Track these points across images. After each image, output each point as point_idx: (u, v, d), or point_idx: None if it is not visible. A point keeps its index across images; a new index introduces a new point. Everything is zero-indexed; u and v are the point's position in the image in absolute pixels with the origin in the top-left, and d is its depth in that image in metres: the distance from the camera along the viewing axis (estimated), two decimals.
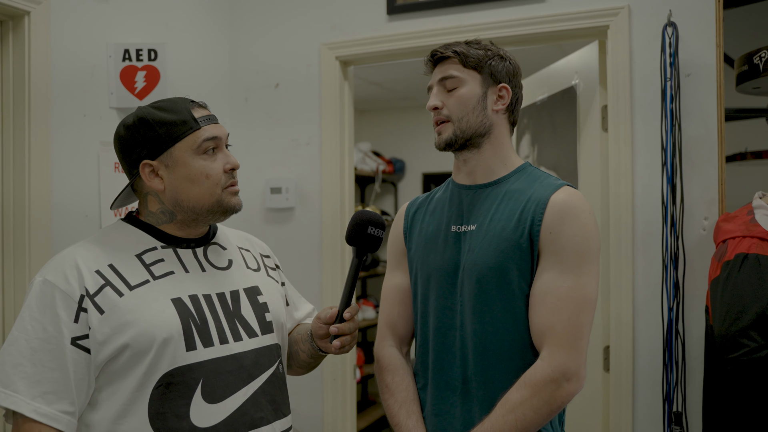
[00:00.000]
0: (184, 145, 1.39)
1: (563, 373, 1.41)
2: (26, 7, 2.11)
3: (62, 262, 1.34)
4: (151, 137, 1.39)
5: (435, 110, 1.58)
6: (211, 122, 1.43)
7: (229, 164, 1.44)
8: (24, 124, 2.11)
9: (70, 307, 1.29)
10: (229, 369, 1.38)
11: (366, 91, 5.28)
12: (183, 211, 1.43)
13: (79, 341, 1.29)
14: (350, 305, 1.47)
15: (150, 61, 2.45)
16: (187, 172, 1.40)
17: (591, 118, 2.63)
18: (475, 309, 1.50)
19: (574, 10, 2.52)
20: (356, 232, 1.49)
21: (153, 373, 1.31)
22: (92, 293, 1.31)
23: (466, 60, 1.56)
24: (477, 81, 1.56)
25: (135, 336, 1.30)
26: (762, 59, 2.30)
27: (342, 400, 2.87)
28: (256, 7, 3.04)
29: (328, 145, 2.90)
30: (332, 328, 1.45)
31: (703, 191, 2.33)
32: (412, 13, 2.75)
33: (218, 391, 1.36)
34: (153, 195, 1.43)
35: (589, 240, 1.47)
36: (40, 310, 1.28)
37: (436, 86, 1.59)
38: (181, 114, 1.41)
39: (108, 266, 1.35)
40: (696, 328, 2.32)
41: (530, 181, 1.55)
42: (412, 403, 1.58)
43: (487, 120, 1.56)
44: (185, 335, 1.34)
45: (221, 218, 1.46)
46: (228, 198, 1.44)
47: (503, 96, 1.58)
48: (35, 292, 1.31)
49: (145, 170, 1.40)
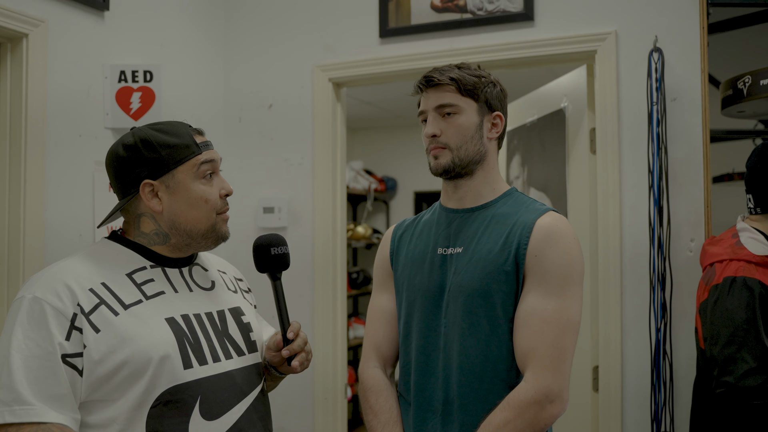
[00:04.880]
0: (186, 168, 1.42)
1: (546, 394, 1.42)
2: (24, 30, 2.14)
3: (52, 279, 1.32)
4: (154, 158, 1.41)
5: (433, 137, 1.58)
6: (209, 148, 1.48)
7: (224, 190, 1.47)
8: (20, 144, 2.13)
9: (62, 325, 1.28)
10: (224, 386, 1.40)
11: (358, 110, 5.32)
12: (178, 234, 1.45)
13: (69, 359, 1.27)
14: (290, 325, 1.49)
15: (145, 82, 2.47)
16: (188, 195, 1.42)
17: (579, 140, 2.67)
18: (460, 331, 1.52)
19: (563, 35, 2.57)
20: (261, 258, 1.51)
21: (151, 391, 1.31)
22: (87, 311, 1.30)
23: (463, 87, 1.56)
24: (474, 109, 1.58)
25: (133, 354, 1.30)
26: (746, 84, 2.34)
27: (333, 419, 2.88)
28: (251, 29, 3.08)
29: (321, 165, 2.93)
30: (284, 351, 1.47)
31: (690, 213, 2.37)
32: (404, 37, 2.80)
33: (215, 407, 1.37)
34: (148, 216, 1.44)
35: (573, 264, 1.49)
36: (32, 328, 1.27)
37: (432, 113, 1.59)
38: (184, 138, 1.44)
39: (101, 284, 1.35)
40: (683, 348, 2.35)
41: (517, 205, 1.58)
42: (395, 425, 1.60)
43: (483, 148, 1.59)
44: (181, 353, 1.35)
45: (212, 246, 1.49)
46: (221, 225, 1.47)
47: (497, 124, 1.61)
48: (26, 310, 1.28)
49: (146, 190, 1.41)
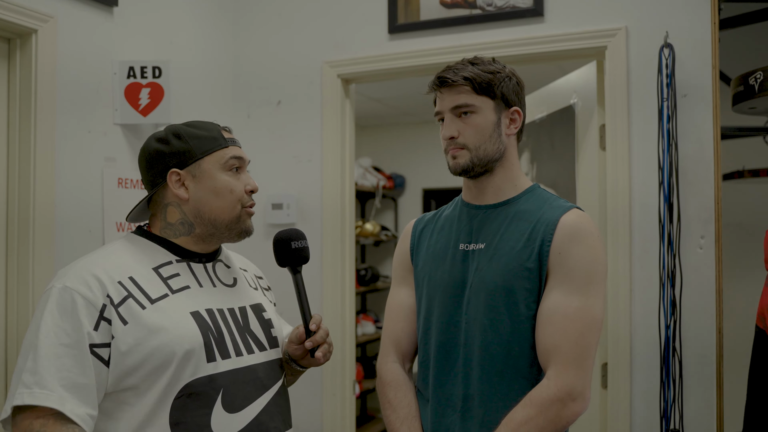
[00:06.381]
0: (213, 159, 1.46)
1: (569, 392, 1.42)
2: (33, 25, 2.14)
3: (82, 270, 1.35)
4: (183, 148, 1.45)
5: (451, 139, 1.56)
6: (236, 145, 1.52)
7: (250, 186, 1.50)
8: (29, 140, 2.14)
9: (91, 315, 1.30)
10: (246, 380, 1.43)
11: (367, 107, 5.31)
12: (203, 224, 1.47)
13: (97, 349, 1.30)
14: (312, 317, 1.51)
15: (154, 78, 2.48)
16: (213, 184, 1.46)
17: (589, 136, 2.66)
18: (481, 327, 1.51)
19: (573, 31, 2.55)
20: (282, 252, 1.56)
21: (175, 383, 1.33)
22: (116, 303, 1.33)
23: (478, 86, 1.54)
24: (490, 107, 1.55)
25: (159, 348, 1.32)
26: (757, 80, 2.32)
27: (341, 415, 2.88)
28: (260, 25, 3.08)
29: (330, 161, 2.93)
30: (307, 343, 1.48)
31: (700, 210, 2.36)
32: (413, 33, 2.79)
33: (237, 401, 1.40)
34: (174, 205, 1.47)
35: (597, 262, 1.49)
36: (62, 317, 1.29)
37: (449, 114, 1.57)
38: (212, 131, 1.49)
39: (128, 278, 1.37)
40: (693, 345, 2.33)
41: (540, 202, 1.57)
42: (413, 420, 1.60)
43: (502, 146, 1.57)
44: (206, 347, 1.38)
45: (235, 239, 1.52)
46: (245, 218, 1.50)
47: (515, 119, 1.59)
48: (55, 299, 1.30)
49: (173, 178, 1.45)
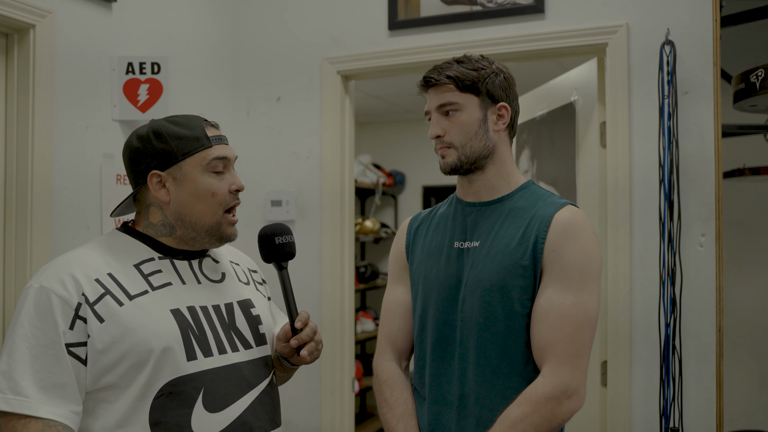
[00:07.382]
0: (194, 161, 1.42)
1: (564, 390, 1.42)
2: (31, 20, 2.13)
3: (58, 269, 1.34)
4: (163, 149, 1.41)
5: (437, 138, 1.57)
6: (222, 143, 1.47)
7: (234, 185, 1.46)
8: (27, 136, 2.13)
9: (66, 314, 1.29)
10: (229, 378, 1.40)
11: (367, 103, 5.30)
12: (184, 227, 1.45)
13: (73, 348, 1.28)
14: (298, 314, 1.49)
15: (153, 74, 2.47)
16: (194, 187, 1.42)
17: (590, 134, 2.65)
18: (477, 325, 1.51)
19: (573, 28, 2.54)
20: (267, 248, 1.52)
21: (154, 382, 1.32)
22: (92, 301, 1.31)
23: (461, 84, 1.54)
24: (475, 104, 1.55)
25: (135, 345, 1.31)
26: (759, 78, 2.32)
27: (340, 413, 2.88)
28: (259, 21, 3.07)
29: (329, 158, 2.92)
30: (292, 341, 1.47)
31: (701, 208, 2.35)
32: (413, 29, 2.78)
33: (219, 400, 1.37)
34: (156, 206, 1.45)
35: (592, 258, 1.48)
36: (38, 317, 1.28)
37: (435, 113, 1.57)
38: (195, 130, 1.44)
39: (107, 275, 1.36)
40: (693, 344, 2.33)
41: (534, 199, 1.56)
42: (410, 418, 1.59)
43: (490, 142, 1.56)
44: (185, 345, 1.35)
45: (216, 244, 1.50)
46: (225, 226, 1.47)
47: (503, 115, 1.58)
48: (32, 299, 1.30)
49: (153, 180, 1.42)
